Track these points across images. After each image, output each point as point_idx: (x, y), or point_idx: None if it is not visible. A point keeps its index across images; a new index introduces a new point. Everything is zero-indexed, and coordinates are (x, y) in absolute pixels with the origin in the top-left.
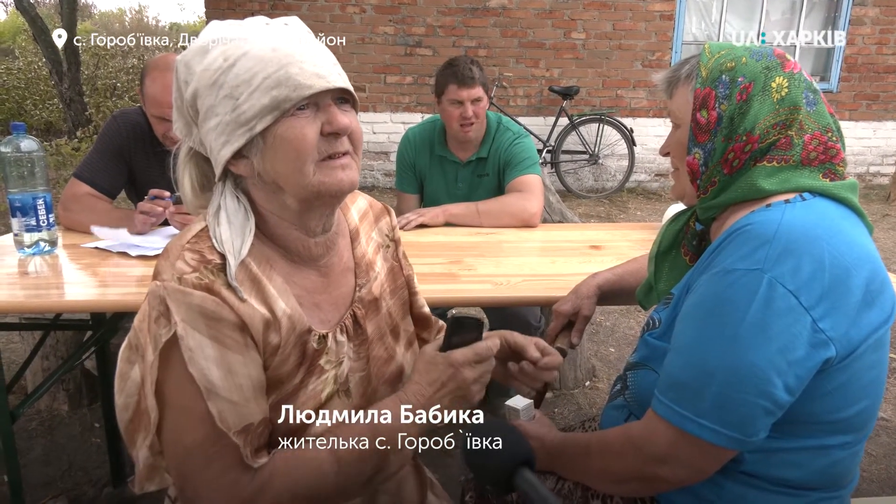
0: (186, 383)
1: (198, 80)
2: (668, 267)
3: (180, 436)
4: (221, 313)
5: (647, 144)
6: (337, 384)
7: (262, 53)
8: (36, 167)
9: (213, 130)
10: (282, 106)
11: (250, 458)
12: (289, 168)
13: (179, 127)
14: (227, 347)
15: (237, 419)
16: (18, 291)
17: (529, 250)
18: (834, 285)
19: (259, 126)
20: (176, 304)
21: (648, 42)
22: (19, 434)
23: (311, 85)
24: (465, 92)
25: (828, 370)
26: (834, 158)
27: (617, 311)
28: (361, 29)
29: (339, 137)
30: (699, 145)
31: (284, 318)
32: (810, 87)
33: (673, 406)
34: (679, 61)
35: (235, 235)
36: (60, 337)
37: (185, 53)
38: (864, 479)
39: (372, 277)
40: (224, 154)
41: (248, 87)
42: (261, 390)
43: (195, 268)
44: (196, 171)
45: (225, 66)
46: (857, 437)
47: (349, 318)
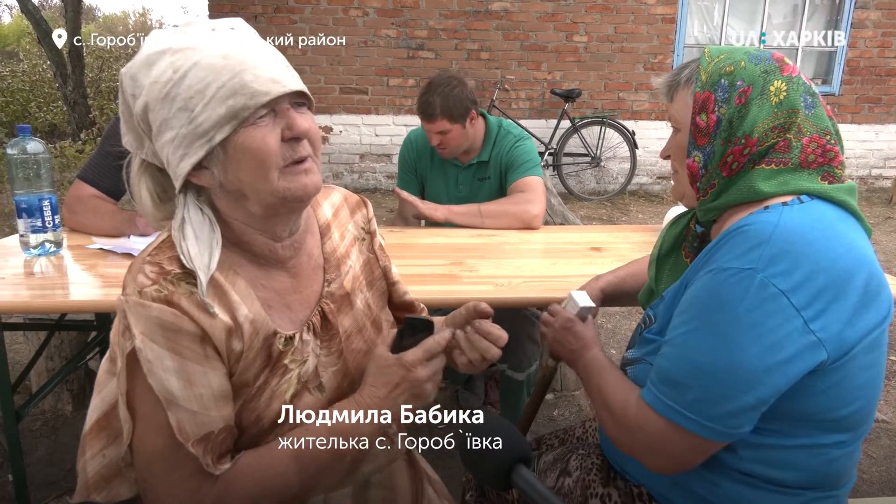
0: (148, 393)
1: (147, 94)
2: (668, 270)
3: (143, 444)
4: (180, 325)
5: (648, 147)
6: (300, 382)
7: (213, 62)
8: (42, 169)
9: (170, 144)
10: (240, 115)
11: (212, 465)
12: (252, 177)
13: (129, 140)
14: (186, 358)
15: (196, 428)
16: (24, 292)
17: (531, 252)
18: (828, 287)
19: (218, 137)
20: (135, 318)
21: (650, 45)
22: (24, 434)
23: (268, 91)
24: (426, 125)
25: (821, 369)
26: (832, 161)
27: (618, 314)
28: (364, 32)
29: (300, 142)
30: (699, 148)
31: (247, 324)
32: (809, 90)
33: (661, 397)
34: (679, 65)
35: (203, 250)
36: (65, 337)
37: (130, 66)
38: (864, 480)
39: (343, 272)
40: (183, 167)
41: (202, 97)
42: (223, 398)
43: (154, 280)
44: (153, 183)
45: (175, 77)
46: (853, 437)
47: (317, 316)
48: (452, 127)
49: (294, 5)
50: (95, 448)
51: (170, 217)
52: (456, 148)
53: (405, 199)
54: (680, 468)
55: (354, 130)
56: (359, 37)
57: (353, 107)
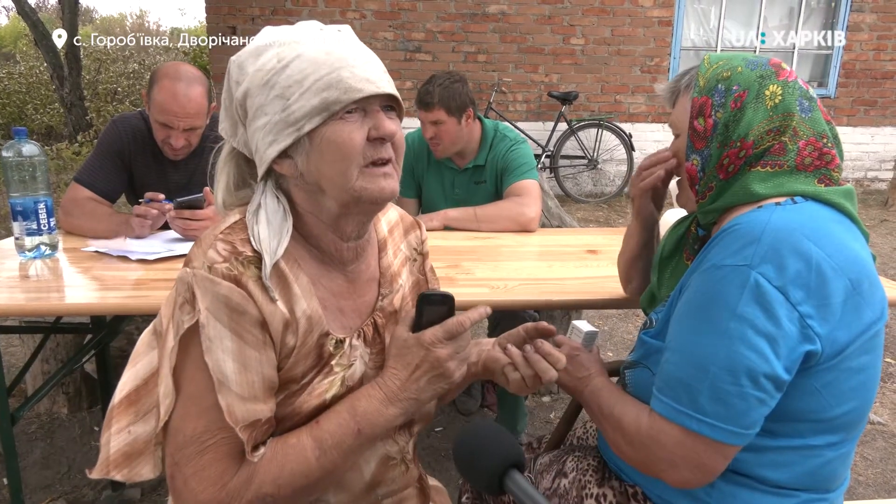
0: (199, 372)
1: (250, 80)
2: (669, 273)
3: (184, 423)
4: (246, 307)
5: (645, 150)
6: (345, 386)
7: (315, 56)
8: (37, 171)
9: (261, 129)
10: (331, 108)
11: (250, 453)
12: (333, 170)
13: (225, 127)
14: (246, 342)
15: (245, 414)
16: (19, 294)
17: (527, 254)
18: (819, 285)
19: (307, 126)
20: (202, 292)
21: (647, 48)
22: (19, 437)
23: (362, 89)
24: (422, 114)
25: (815, 368)
26: (829, 164)
27: (615, 316)
28: (361, 34)
29: (384, 143)
30: (697, 152)
31: (303, 319)
32: (805, 94)
33: (672, 404)
34: (681, 72)
35: (273, 235)
36: (60, 340)
37: (240, 55)
38: (859, 482)
39: (395, 289)
40: (270, 153)
41: (299, 87)
42: (271, 389)
43: (226, 258)
44: (235, 171)
45: (278, 66)
46: (845, 438)
47: (369, 326)
48: (448, 119)
49: (291, 7)
50: (122, 423)
51: (238, 204)
52: (449, 144)
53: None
54: (704, 477)
55: None
56: None
57: None
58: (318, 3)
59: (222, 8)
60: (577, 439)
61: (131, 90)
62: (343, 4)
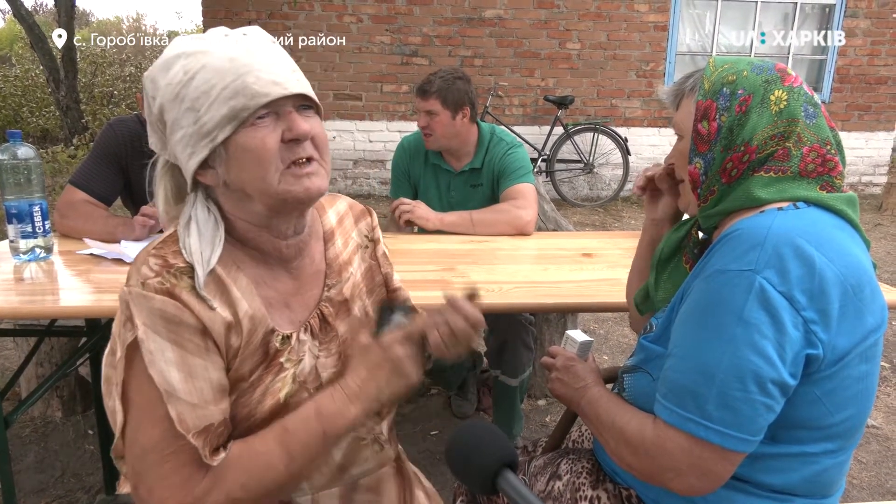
0: (147, 385)
1: (162, 95)
2: (667, 275)
3: (138, 435)
4: (182, 317)
5: (641, 154)
6: (296, 382)
7: (219, 65)
8: (32, 174)
9: (180, 143)
10: (240, 115)
11: (209, 457)
12: (252, 176)
13: (153, 141)
14: (188, 351)
15: (197, 421)
16: (13, 297)
17: (523, 258)
18: (821, 291)
19: (220, 136)
20: (138, 309)
21: (643, 52)
22: (12, 440)
23: (268, 93)
24: (419, 101)
25: (816, 375)
26: (832, 171)
27: (611, 320)
28: (358, 38)
29: (300, 143)
30: (700, 155)
31: (246, 320)
32: (810, 100)
33: (678, 410)
34: (685, 74)
35: (205, 245)
36: (55, 343)
37: (152, 69)
38: (853, 485)
39: (344, 279)
40: (191, 165)
41: (207, 98)
42: (221, 392)
43: (157, 272)
44: (171, 184)
45: (185, 79)
46: (843, 447)
47: (315, 318)
48: (442, 112)
49: (288, 11)
50: None
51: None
52: (441, 138)
53: (402, 204)
54: (711, 485)
55: (348, 136)
56: (353, 43)
57: (347, 113)
58: (315, 7)
59: (219, 11)
60: (573, 442)
61: (127, 93)
62: (340, 8)
